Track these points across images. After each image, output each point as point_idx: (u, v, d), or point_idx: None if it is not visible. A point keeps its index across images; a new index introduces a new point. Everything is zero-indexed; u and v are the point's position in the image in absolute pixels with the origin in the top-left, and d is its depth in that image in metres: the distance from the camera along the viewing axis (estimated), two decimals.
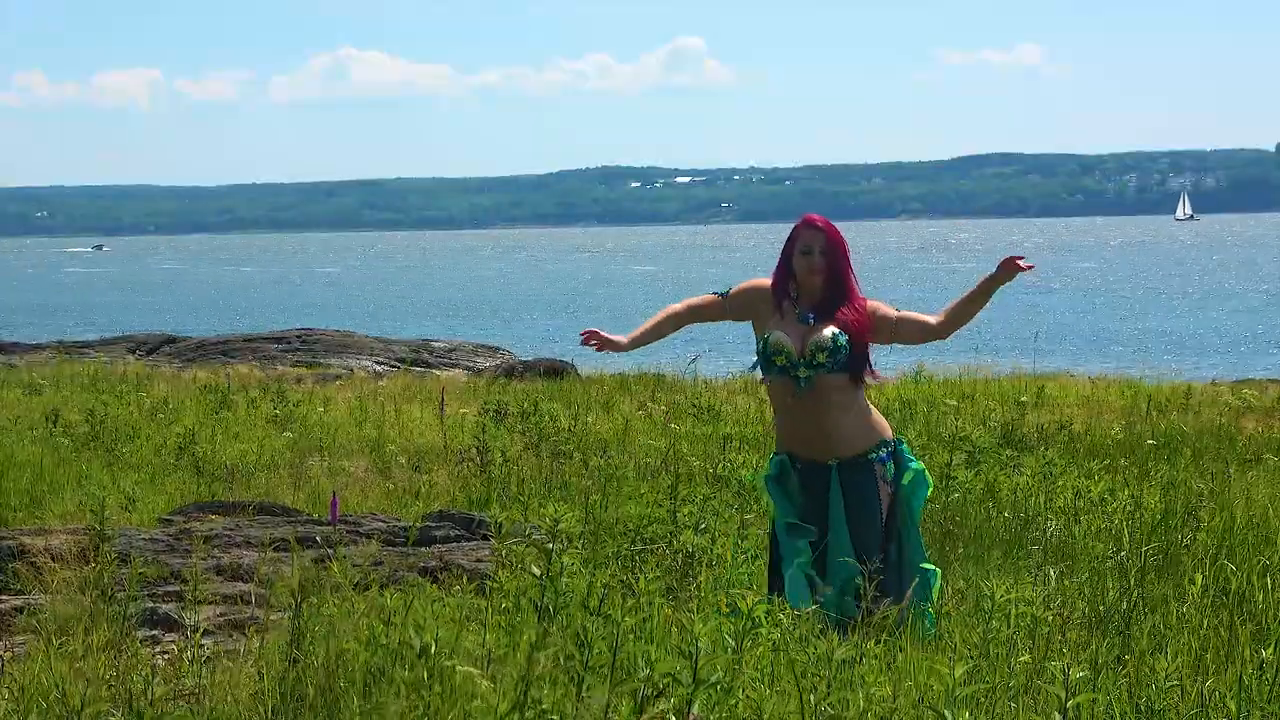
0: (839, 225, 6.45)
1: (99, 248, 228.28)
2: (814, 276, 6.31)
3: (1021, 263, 6.07)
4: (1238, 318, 55.52)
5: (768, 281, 6.45)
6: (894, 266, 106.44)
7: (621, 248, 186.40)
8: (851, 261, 6.38)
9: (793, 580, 6.17)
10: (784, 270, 6.38)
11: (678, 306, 6.54)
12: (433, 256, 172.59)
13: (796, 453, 6.34)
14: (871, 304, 6.37)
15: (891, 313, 6.35)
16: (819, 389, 6.24)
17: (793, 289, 6.37)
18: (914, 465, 6.37)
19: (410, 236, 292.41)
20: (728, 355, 27.35)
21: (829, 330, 6.25)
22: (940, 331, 6.31)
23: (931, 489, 6.51)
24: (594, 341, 6.37)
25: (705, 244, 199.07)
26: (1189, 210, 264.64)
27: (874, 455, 6.27)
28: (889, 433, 6.38)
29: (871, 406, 6.42)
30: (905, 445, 6.44)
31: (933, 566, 6.36)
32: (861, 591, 5.59)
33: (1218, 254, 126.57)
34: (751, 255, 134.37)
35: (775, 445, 6.51)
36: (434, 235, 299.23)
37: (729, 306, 6.48)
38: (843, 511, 6.19)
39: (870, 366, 6.35)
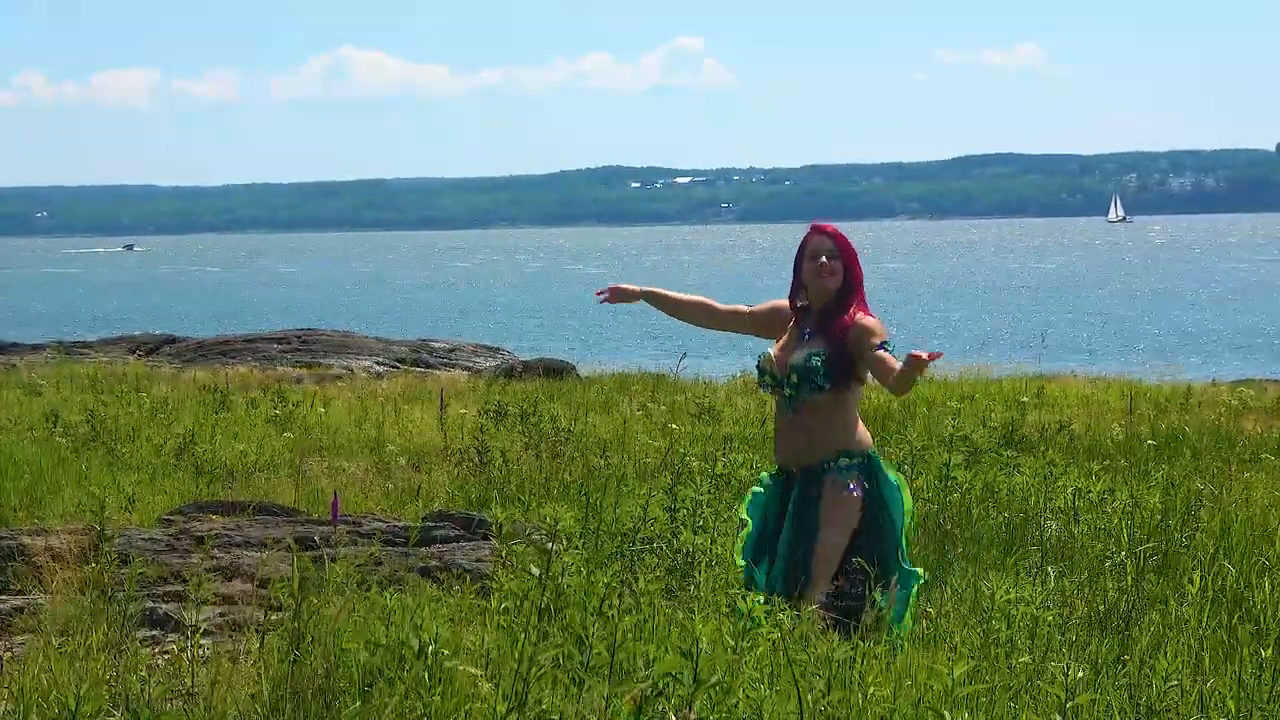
0: (839, 225, 6.43)
1: (129, 247, 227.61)
2: (824, 279, 6.21)
3: (923, 355, 5.89)
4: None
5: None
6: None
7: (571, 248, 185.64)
8: (861, 268, 6.29)
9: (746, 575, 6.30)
10: (797, 281, 6.35)
11: (715, 303, 6.60)
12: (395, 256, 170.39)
13: (779, 460, 6.37)
14: (865, 321, 6.15)
15: (873, 342, 6.08)
16: (803, 406, 6.21)
17: (804, 298, 6.32)
18: (890, 479, 6.22)
19: (400, 237, 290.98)
20: (720, 355, 27.35)
21: (804, 351, 6.19)
22: (894, 389, 6.07)
23: (908, 507, 6.22)
24: (604, 294, 6.48)
25: (704, 244, 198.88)
26: (1121, 213, 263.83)
27: (828, 465, 6.18)
28: (856, 445, 6.22)
29: (856, 418, 6.28)
30: (879, 460, 6.25)
31: (914, 583, 6.21)
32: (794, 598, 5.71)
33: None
34: (733, 259, 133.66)
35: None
36: (429, 235, 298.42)
37: (752, 320, 6.49)
38: (791, 523, 6.19)
39: (852, 376, 6.16)
